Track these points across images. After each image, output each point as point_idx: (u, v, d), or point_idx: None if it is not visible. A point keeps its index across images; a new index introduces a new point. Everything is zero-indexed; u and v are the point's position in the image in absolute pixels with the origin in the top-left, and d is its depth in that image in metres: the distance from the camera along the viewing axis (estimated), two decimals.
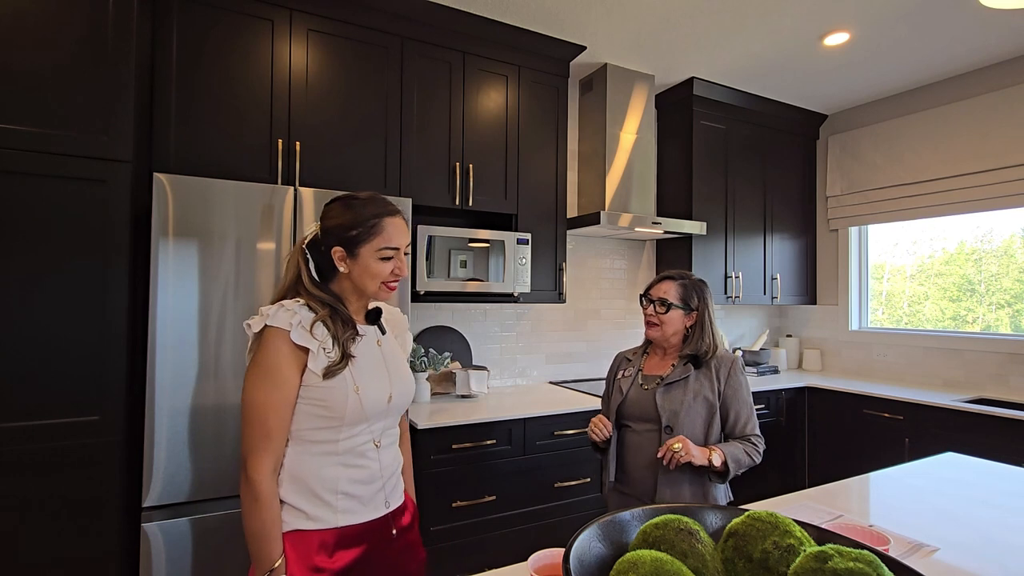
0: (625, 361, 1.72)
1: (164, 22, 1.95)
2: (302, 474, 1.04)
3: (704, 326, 1.58)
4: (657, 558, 0.70)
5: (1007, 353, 2.91)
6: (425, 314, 2.79)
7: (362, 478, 1.09)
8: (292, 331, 1.01)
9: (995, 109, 2.93)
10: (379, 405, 1.10)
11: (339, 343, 1.05)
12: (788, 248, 3.68)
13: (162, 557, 1.65)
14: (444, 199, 2.49)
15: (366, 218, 1.09)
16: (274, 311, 1.03)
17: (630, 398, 1.60)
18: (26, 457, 1.54)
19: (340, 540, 1.05)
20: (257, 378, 1.01)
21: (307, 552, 1.01)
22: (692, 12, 2.49)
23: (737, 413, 1.54)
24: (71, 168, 1.60)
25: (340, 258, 1.10)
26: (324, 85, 2.22)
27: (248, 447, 1.00)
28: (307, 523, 1.03)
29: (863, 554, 0.67)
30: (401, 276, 1.13)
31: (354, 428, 1.08)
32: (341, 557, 1.04)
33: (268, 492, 0.99)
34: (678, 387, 1.54)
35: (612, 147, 3.01)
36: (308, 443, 1.05)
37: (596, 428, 1.55)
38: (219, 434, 1.73)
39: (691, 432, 1.50)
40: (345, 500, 1.06)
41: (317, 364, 1.03)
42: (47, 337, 1.57)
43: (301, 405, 1.04)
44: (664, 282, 1.62)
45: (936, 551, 1.11)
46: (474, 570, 2.17)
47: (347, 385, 1.05)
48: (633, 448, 1.56)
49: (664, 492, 1.47)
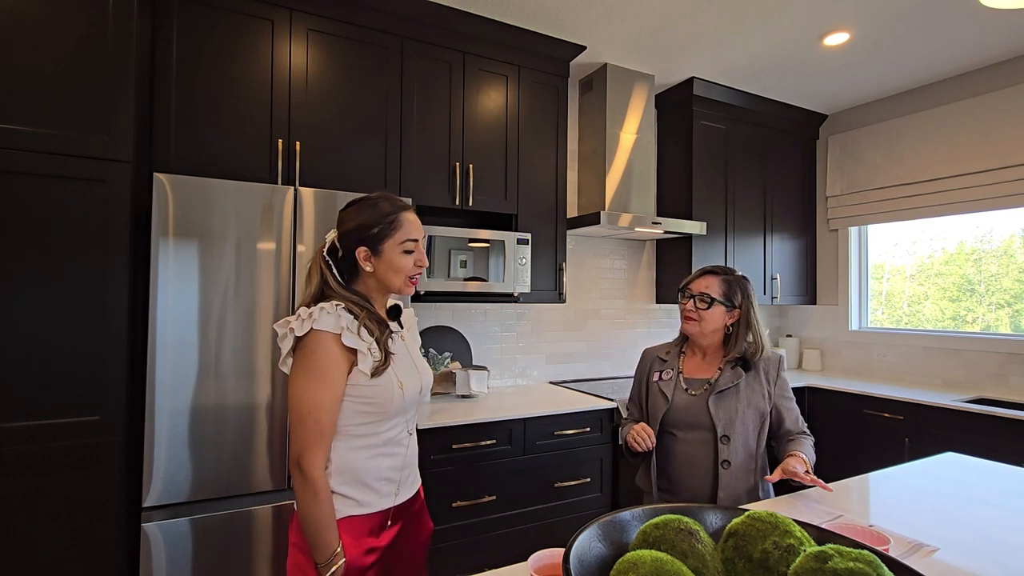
0: (658, 361, 1.63)
1: (164, 22, 1.95)
2: (350, 466, 1.11)
3: (751, 325, 1.53)
4: (657, 558, 0.70)
5: (1007, 353, 2.91)
6: (425, 314, 2.79)
7: (398, 464, 1.18)
8: (343, 334, 1.07)
9: (995, 109, 2.93)
10: (414, 396, 1.20)
11: (380, 343, 1.12)
12: (788, 248, 3.68)
13: (162, 557, 1.65)
14: (444, 199, 2.49)
15: (384, 214, 1.16)
16: (318, 314, 1.07)
17: (678, 405, 1.52)
18: (26, 457, 1.54)
19: (384, 521, 1.15)
20: (309, 380, 1.06)
21: (360, 535, 1.10)
22: (692, 12, 2.49)
23: (789, 411, 1.54)
24: (71, 168, 1.60)
25: (365, 258, 1.15)
26: (324, 85, 2.22)
27: (303, 445, 1.05)
28: (358, 509, 1.11)
29: (863, 554, 0.67)
30: (423, 267, 1.21)
31: (394, 420, 1.16)
32: (386, 536, 1.15)
33: (325, 486, 1.07)
34: (730, 393, 1.49)
35: (612, 147, 3.01)
36: (353, 437, 1.12)
37: (640, 438, 1.48)
38: (219, 434, 1.73)
39: (744, 439, 1.48)
40: (387, 485, 1.16)
41: (366, 364, 1.09)
42: (47, 337, 1.57)
43: (347, 403, 1.11)
44: (706, 276, 1.56)
45: (936, 551, 1.11)
46: (474, 570, 2.17)
47: (392, 381, 1.13)
48: (682, 457, 1.51)
49: (723, 498, 1.45)
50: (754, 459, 1.49)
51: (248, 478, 1.77)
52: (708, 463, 1.47)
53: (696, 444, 1.49)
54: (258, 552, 1.78)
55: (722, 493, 1.45)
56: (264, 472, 1.79)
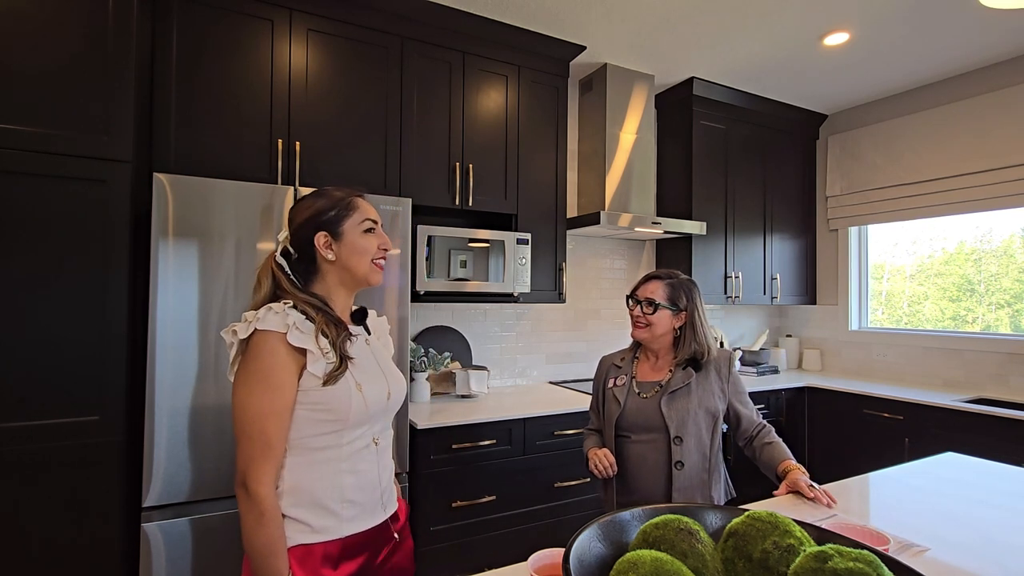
0: (613, 368, 1.65)
1: (164, 22, 1.95)
2: (305, 485, 0.99)
3: (696, 327, 1.55)
4: (657, 558, 0.70)
5: (1007, 353, 2.91)
6: (425, 314, 2.79)
7: (364, 484, 1.05)
8: (288, 333, 0.96)
9: (995, 109, 2.93)
10: (380, 403, 1.08)
11: (335, 346, 1.00)
12: (788, 248, 3.68)
13: (162, 557, 1.65)
14: (444, 199, 2.49)
15: (338, 199, 1.09)
16: (263, 315, 0.97)
17: (629, 409, 1.54)
18: (26, 457, 1.54)
19: (344, 550, 1.01)
20: (251, 385, 0.95)
21: (313, 566, 0.97)
22: (692, 12, 2.49)
23: (745, 405, 1.57)
24: (71, 168, 1.60)
25: (325, 244, 1.06)
26: (324, 85, 2.22)
27: (247, 460, 0.93)
28: (312, 536, 0.98)
29: (863, 554, 0.67)
30: (388, 249, 1.12)
31: (357, 430, 1.04)
32: (345, 568, 1.01)
33: (273, 505, 0.94)
34: (682, 394, 1.51)
35: (612, 147, 3.01)
36: (310, 451, 1.00)
37: (601, 465, 1.50)
38: (219, 434, 1.73)
39: (697, 440, 1.49)
40: (350, 508, 1.02)
41: (317, 366, 0.98)
42: (47, 337, 1.57)
43: (300, 411, 0.99)
44: (651, 282, 1.57)
45: (927, 551, 1.11)
46: (474, 570, 2.17)
47: (349, 385, 1.01)
48: (635, 459, 1.52)
49: (677, 499, 1.46)
50: (707, 459, 1.50)
51: None
52: (662, 465, 1.49)
53: (649, 446, 1.51)
54: None
55: (676, 494, 1.46)
56: None
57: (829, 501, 1.33)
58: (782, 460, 1.48)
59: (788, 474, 1.43)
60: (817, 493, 1.35)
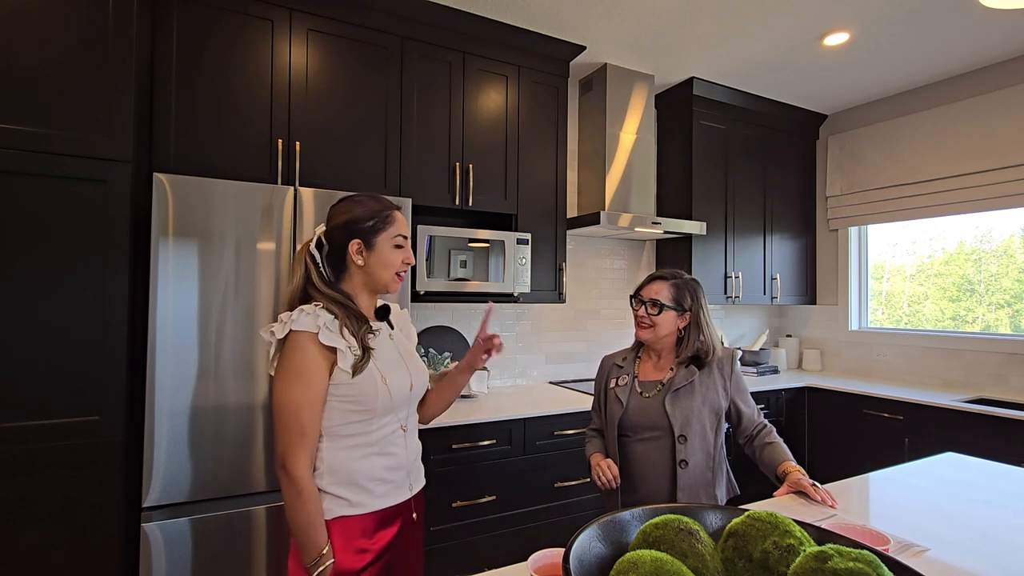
0: (615, 368, 1.64)
1: (164, 22, 1.95)
2: (340, 466, 1.11)
3: (700, 327, 1.55)
4: (657, 558, 0.70)
5: (1007, 353, 2.91)
6: (425, 314, 2.79)
7: (392, 464, 1.17)
8: (320, 333, 1.07)
9: (995, 109, 2.93)
10: (403, 393, 1.19)
11: (358, 339, 1.12)
12: (788, 248, 3.68)
13: (162, 557, 1.65)
14: (444, 199, 2.49)
15: (379, 210, 1.19)
16: (297, 316, 1.09)
17: (632, 408, 1.53)
18: (27, 457, 1.54)
19: (379, 522, 1.14)
20: (288, 380, 1.07)
21: (352, 536, 1.10)
22: (692, 12, 2.49)
23: (747, 404, 1.57)
24: (71, 168, 1.60)
25: (357, 251, 1.17)
26: (324, 85, 2.22)
27: (285, 445, 1.06)
28: (350, 509, 1.10)
29: (863, 554, 0.67)
30: (411, 264, 1.23)
31: (384, 418, 1.15)
32: (381, 537, 1.14)
33: (309, 485, 1.06)
34: (686, 392, 1.50)
35: (612, 147, 3.01)
36: (341, 437, 1.12)
37: (604, 477, 1.47)
38: (219, 434, 1.73)
39: (702, 438, 1.48)
40: (381, 485, 1.15)
41: (346, 362, 1.09)
42: (47, 337, 1.57)
43: (332, 402, 1.11)
44: (656, 282, 1.56)
45: (926, 551, 1.11)
46: (474, 570, 2.17)
47: (375, 378, 1.12)
48: (639, 459, 1.51)
49: (681, 499, 1.46)
50: (711, 457, 1.50)
51: (248, 478, 1.77)
52: (666, 464, 1.48)
53: (653, 445, 1.50)
54: (257, 552, 1.78)
55: (680, 493, 1.46)
56: (264, 472, 1.79)
57: (832, 502, 1.34)
58: (782, 461, 1.48)
59: (788, 475, 1.43)
60: (822, 494, 1.35)
